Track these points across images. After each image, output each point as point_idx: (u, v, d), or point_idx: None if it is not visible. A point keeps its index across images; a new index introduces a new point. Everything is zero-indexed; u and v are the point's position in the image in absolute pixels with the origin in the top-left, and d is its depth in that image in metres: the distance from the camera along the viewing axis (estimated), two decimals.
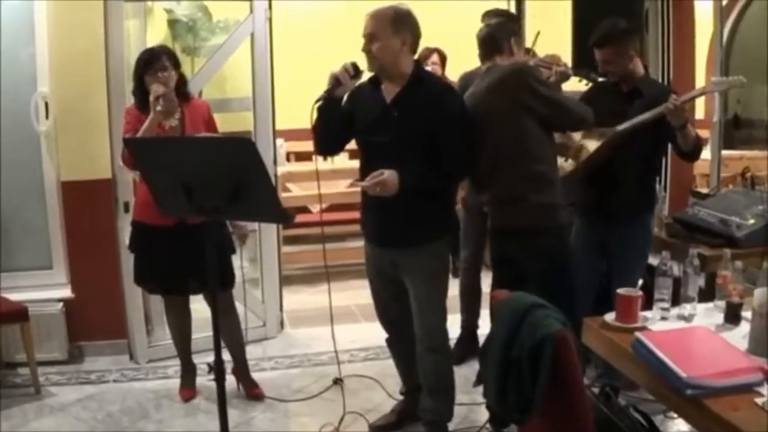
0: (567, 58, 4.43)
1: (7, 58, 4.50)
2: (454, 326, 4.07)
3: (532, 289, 3.36)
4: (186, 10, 7.19)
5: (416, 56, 3.41)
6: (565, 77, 3.76)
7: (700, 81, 4.86)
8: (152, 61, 3.79)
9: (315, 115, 3.29)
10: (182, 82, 3.94)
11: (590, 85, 3.89)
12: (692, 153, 3.58)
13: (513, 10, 5.03)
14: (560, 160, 3.68)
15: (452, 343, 3.90)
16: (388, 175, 3.13)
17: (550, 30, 3.46)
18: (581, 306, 3.46)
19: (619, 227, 3.65)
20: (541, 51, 4.01)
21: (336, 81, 3.25)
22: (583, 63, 4.21)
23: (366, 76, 3.35)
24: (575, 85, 4.02)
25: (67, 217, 4.60)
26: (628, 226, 3.65)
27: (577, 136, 3.68)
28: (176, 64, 3.89)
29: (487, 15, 3.99)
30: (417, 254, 3.34)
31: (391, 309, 3.62)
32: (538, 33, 4.61)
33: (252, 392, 4.20)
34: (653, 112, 3.42)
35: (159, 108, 3.67)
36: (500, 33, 3.61)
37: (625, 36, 3.57)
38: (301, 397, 4.21)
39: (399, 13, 3.22)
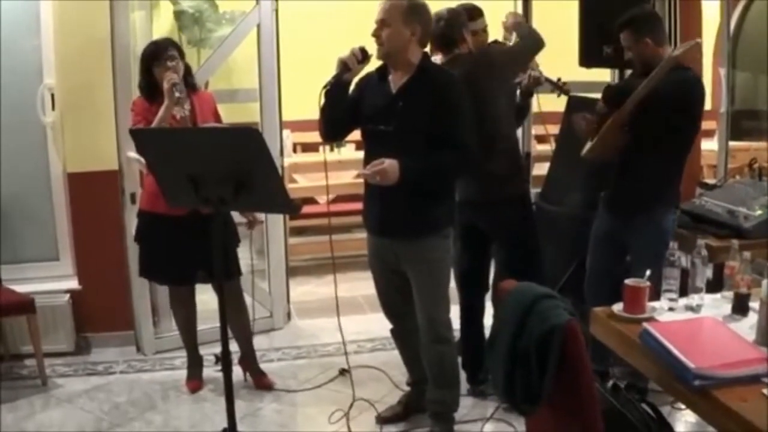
0: (574, 55, 4.42)
1: (13, 50, 4.49)
2: (456, 317, 4.06)
3: (498, 254, 4.04)
4: (192, 2, 7.17)
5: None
6: (537, 82, 4.01)
7: (707, 73, 4.84)
8: (159, 52, 3.80)
9: (322, 100, 3.31)
10: (188, 72, 3.96)
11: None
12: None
13: (520, 9, 5.03)
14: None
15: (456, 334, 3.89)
16: (389, 164, 3.13)
17: (557, 28, 3.45)
18: (595, 294, 3.44)
19: (631, 220, 3.59)
20: (550, 51, 3.99)
21: (344, 66, 3.27)
22: (590, 61, 4.20)
23: (374, 63, 3.36)
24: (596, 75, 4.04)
25: (74, 208, 4.59)
26: (640, 219, 3.58)
27: None
28: (181, 55, 3.90)
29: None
30: (418, 245, 3.35)
31: (394, 300, 3.62)
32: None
33: (261, 382, 4.21)
34: (647, 80, 3.32)
35: (177, 94, 3.68)
36: (453, 29, 3.77)
37: (640, 22, 3.49)
38: (307, 387, 4.22)
39: (414, 5, 3.24)
